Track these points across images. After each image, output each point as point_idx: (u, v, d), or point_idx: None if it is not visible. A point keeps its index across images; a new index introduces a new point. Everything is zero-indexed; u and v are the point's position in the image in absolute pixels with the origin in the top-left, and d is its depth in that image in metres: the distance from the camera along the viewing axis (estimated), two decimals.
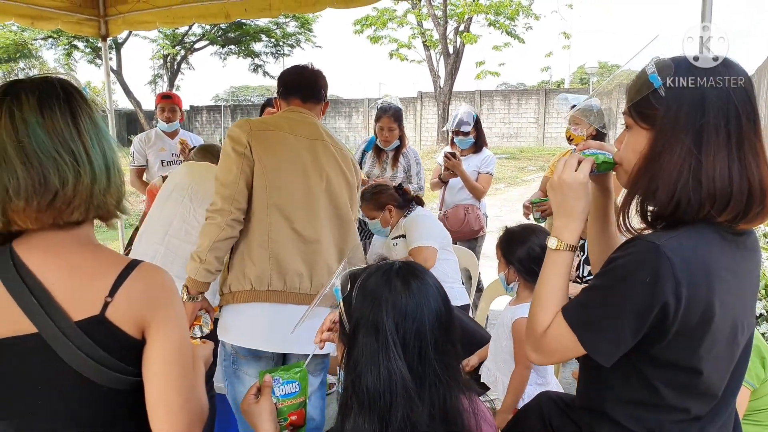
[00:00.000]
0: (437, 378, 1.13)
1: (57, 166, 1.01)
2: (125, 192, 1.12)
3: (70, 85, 1.08)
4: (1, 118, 1.00)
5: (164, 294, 1.09)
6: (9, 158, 0.99)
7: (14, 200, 1.00)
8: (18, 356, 1.04)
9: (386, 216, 3.13)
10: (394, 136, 3.94)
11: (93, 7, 4.60)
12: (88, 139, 1.05)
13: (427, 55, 20.00)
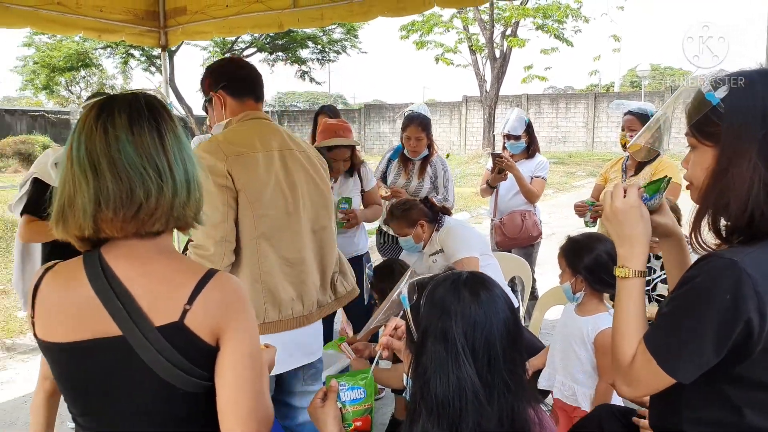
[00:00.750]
0: (506, 387, 1.15)
1: (143, 180, 1.07)
2: (203, 204, 1.17)
3: (157, 101, 1.14)
4: (97, 134, 1.08)
5: (238, 303, 1.13)
6: (102, 171, 1.06)
7: (104, 210, 1.06)
8: (103, 357, 1.10)
9: (419, 232, 3.08)
10: (422, 146, 3.81)
11: (154, 19, 4.77)
12: (171, 155, 1.10)
13: (473, 60, 19.90)
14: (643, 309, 1.26)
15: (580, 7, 18.41)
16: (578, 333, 2.29)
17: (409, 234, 3.08)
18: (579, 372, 2.30)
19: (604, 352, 2.19)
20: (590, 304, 2.31)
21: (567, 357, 2.34)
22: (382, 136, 27.66)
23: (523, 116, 4.08)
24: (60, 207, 1.09)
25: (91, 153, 1.07)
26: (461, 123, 25.86)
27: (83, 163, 1.07)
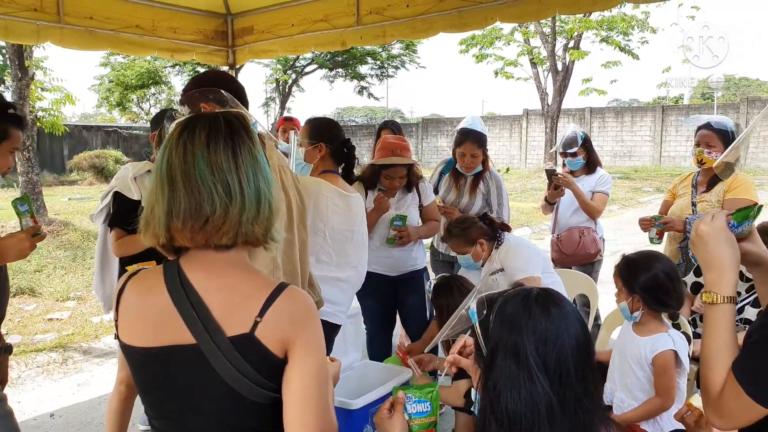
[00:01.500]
0: (578, 403, 1.14)
1: (211, 195, 1.12)
2: (274, 219, 1.21)
3: (238, 121, 1.20)
4: (178, 149, 1.15)
5: (307, 318, 1.16)
6: (177, 184, 1.13)
7: (175, 220, 1.13)
8: (178, 363, 1.15)
9: (478, 251, 3.04)
10: (477, 162, 3.70)
11: (222, 39, 4.98)
12: (244, 173, 1.15)
13: (534, 73, 19.65)
14: (734, 337, 1.20)
15: (647, 18, 17.93)
16: (636, 353, 2.28)
17: (468, 252, 3.05)
18: (638, 390, 2.29)
19: (661, 373, 2.20)
20: (649, 324, 2.29)
21: (625, 375, 2.33)
22: (439, 150, 27.63)
23: (578, 131, 4.00)
24: (145, 215, 1.17)
25: (171, 167, 1.14)
26: (522, 137, 25.53)
27: (163, 176, 1.15)
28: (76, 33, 4.00)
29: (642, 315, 2.29)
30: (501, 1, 3.58)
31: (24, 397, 4.06)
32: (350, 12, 4.23)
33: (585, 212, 3.89)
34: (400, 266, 3.54)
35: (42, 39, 3.89)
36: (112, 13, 4.16)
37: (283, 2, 4.57)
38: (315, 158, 2.60)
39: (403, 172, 3.39)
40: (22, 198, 2.13)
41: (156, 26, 4.45)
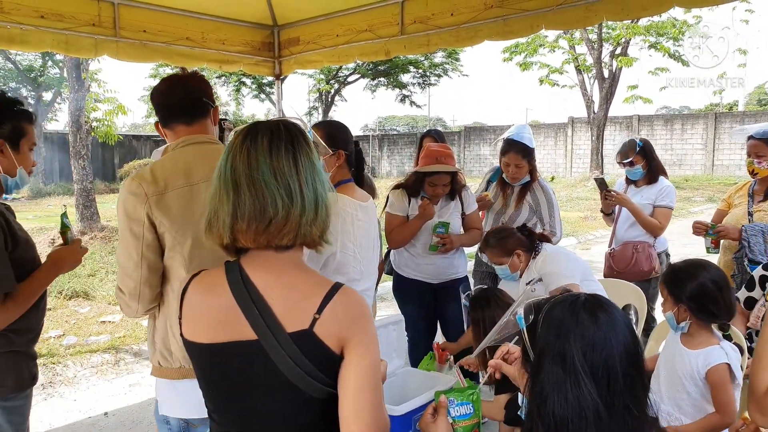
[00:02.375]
0: (627, 410, 1.14)
1: (274, 199, 1.18)
2: (329, 222, 1.26)
3: (296, 128, 1.26)
4: (242, 155, 1.21)
5: (363, 317, 1.21)
6: (242, 187, 1.19)
7: (239, 222, 1.19)
8: (240, 359, 1.21)
9: (515, 261, 3.00)
10: (523, 173, 3.66)
11: (269, 50, 5.09)
12: (304, 177, 1.21)
13: (580, 80, 19.34)
14: None
15: (698, 23, 17.43)
16: (687, 367, 2.21)
17: (505, 263, 3.02)
18: (688, 405, 2.22)
19: (718, 389, 2.12)
20: (699, 336, 2.22)
21: (674, 388, 2.26)
22: (482, 158, 27.45)
23: (635, 140, 3.84)
24: (208, 217, 1.24)
25: (235, 172, 1.20)
26: (567, 145, 25.12)
27: (227, 181, 1.21)
28: (130, 46, 4.16)
29: (690, 326, 2.22)
30: (547, 8, 3.54)
31: (79, 395, 4.22)
32: (394, 21, 4.27)
33: (645, 230, 3.71)
34: (441, 274, 3.53)
35: (99, 52, 4.06)
36: (164, 26, 4.32)
37: (328, 13, 4.65)
38: (333, 167, 2.41)
39: (446, 180, 3.39)
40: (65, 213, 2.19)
41: (205, 38, 4.59)
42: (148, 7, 4.21)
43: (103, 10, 3.96)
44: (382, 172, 30.13)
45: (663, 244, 3.85)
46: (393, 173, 29.56)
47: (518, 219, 3.68)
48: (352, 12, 4.50)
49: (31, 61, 17.66)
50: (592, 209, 14.24)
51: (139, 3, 4.14)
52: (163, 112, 1.95)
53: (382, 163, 30.68)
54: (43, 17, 3.67)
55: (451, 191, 3.47)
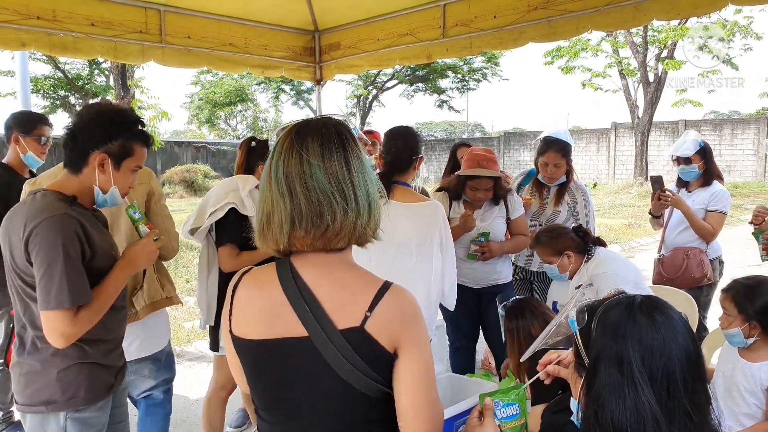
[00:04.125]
0: (688, 417, 1.09)
1: (330, 204, 1.16)
2: (380, 221, 1.25)
3: (344, 127, 1.24)
4: (294, 159, 1.18)
5: (414, 315, 1.19)
6: (297, 194, 1.17)
7: (297, 228, 1.17)
8: (291, 355, 1.20)
9: (564, 262, 2.92)
10: (561, 173, 3.59)
11: (310, 55, 5.12)
12: (356, 179, 1.19)
13: (624, 84, 18.95)
14: None
15: (750, 23, 16.88)
16: (750, 379, 2.16)
17: (554, 263, 2.95)
18: (747, 418, 2.18)
19: None
20: (760, 350, 2.18)
21: (733, 402, 2.21)
22: (522, 164, 27.07)
23: (698, 138, 3.64)
24: (260, 223, 1.22)
25: (288, 176, 1.18)
26: (610, 151, 24.58)
27: (281, 186, 1.19)
28: (175, 52, 4.24)
29: (755, 340, 2.17)
30: (593, 9, 3.46)
31: None
32: (436, 25, 4.23)
33: (697, 235, 3.55)
34: (482, 279, 3.46)
35: (146, 58, 4.15)
36: (208, 32, 4.39)
37: (369, 17, 4.65)
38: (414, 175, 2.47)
39: (488, 185, 3.33)
40: (132, 205, 2.09)
41: (248, 44, 4.65)
42: (193, 13, 4.28)
43: (149, 17, 4.05)
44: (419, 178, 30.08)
45: (716, 251, 3.67)
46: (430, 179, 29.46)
47: (557, 219, 3.60)
48: (393, 16, 4.49)
49: (78, 70, 18.29)
50: (636, 216, 13.86)
51: (184, 9, 4.22)
52: None
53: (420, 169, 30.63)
54: (94, 25, 3.77)
55: (495, 196, 3.41)
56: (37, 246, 1.67)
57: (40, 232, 1.68)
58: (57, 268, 1.67)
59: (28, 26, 3.49)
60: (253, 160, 2.92)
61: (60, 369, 1.79)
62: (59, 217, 1.72)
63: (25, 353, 1.80)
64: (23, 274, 1.73)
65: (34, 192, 1.82)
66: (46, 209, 1.73)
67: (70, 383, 1.81)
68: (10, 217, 1.78)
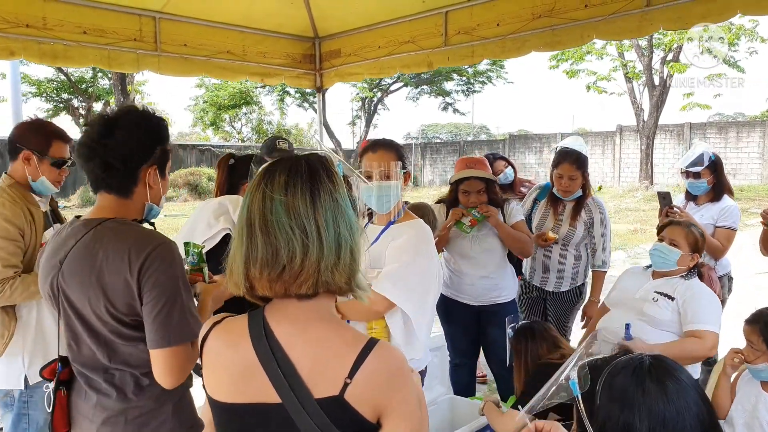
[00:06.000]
0: None
1: (287, 241, 1.05)
2: (357, 267, 1.12)
3: (321, 163, 1.12)
4: (257, 194, 1.09)
5: (401, 377, 1.08)
6: (255, 230, 1.07)
7: (252, 268, 1.07)
8: (263, 423, 1.08)
9: (688, 258, 2.66)
10: (576, 186, 3.43)
11: (310, 62, 5.04)
12: (322, 217, 1.07)
13: (629, 87, 18.81)
14: None
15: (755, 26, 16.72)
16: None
17: (683, 251, 2.66)
18: None
19: None
20: None
21: None
22: (527, 167, 26.94)
23: (708, 152, 3.52)
24: (229, 262, 1.12)
25: (250, 213, 1.09)
26: (615, 154, 24.42)
27: (242, 223, 1.09)
28: (172, 60, 4.16)
29: None
30: (598, 18, 3.36)
31: None
32: (438, 32, 4.15)
33: (706, 251, 3.33)
34: (482, 296, 3.35)
35: (141, 67, 4.06)
36: (205, 39, 4.31)
37: (370, 24, 4.56)
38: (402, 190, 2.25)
39: (479, 186, 3.24)
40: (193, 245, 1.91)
41: (246, 51, 4.56)
42: (189, 20, 4.20)
43: (144, 24, 3.96)
44: (424, 181, 29.95)
45: (725, 267, 3.58)
46: (435, 182, 29.34)
47: (573, 239, 3.45)
48: (395, 23, 4.41)
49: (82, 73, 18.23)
50: (642, 221, 13.73)
51: (180, 17, 4.14)
52: None
53: (425, 172, 30.49)
54: (86, 33, 3.69)
55: (493, 203, 3.30)
56: (153, 279, 1.48)
57: (153, 264, 1.48)
58: (178, 300, 1.51)
59: (17, 35, 3.41)
60: (235, 179, 2.75)
61: (175, 402, 1.64)
62: (168, 243, 1.55)
63: (128, 397, 1.59)
64: (121, 314, 1.52)
65: (96, 223, 1.57)
66: (147, 237, 1.54)
67: (185, 412, 1.67)
68: (83, 258, 1.53)
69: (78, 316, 1.56)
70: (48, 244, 1.66)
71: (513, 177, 4.40)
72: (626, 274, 2.96)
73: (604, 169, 24.80)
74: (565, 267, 3.49)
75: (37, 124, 2.51)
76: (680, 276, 2.70)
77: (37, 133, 2.44)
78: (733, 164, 22.32)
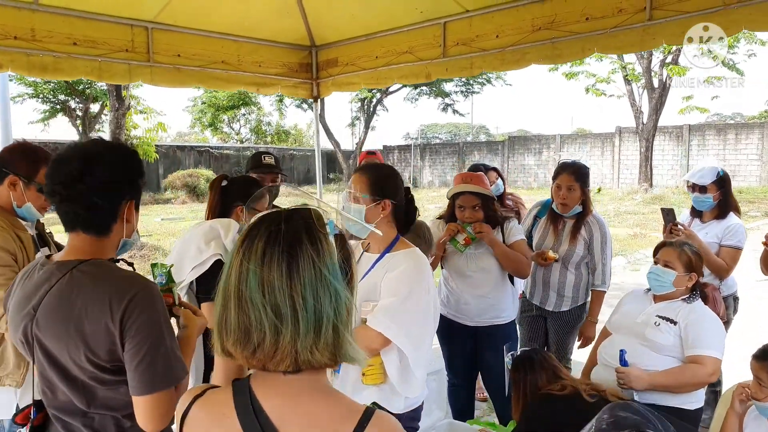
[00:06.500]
0: None
1: (259, 321, 0.96)
2: (344, 341, 1.02)
3: (305, 225, 1.02)
4: (236, 260, 1.00)
5: None
6: (229, 302, 0.99)
7: (226, 340, 1.00)
8: None
9: (684, 279, 2.63)
10: (575, 199, 3.32)
11: (307, 71, 4.96)
12: (300, 293, 0.97)
13: (629, 90, 18.75)
14: None
15: None
16: None
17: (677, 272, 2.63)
18: None
19: None
20: None
21: None
22: (526, 168, 26.91)
23: (717, 167, 3.43)
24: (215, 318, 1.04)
25: (228, 279, 1.01)
26: (614, 155, 24.38)
27: (220, 289, 1.02)
28: (164, 71, 4.08)
29: None
30: (600, 31, 3.29)
31: None
32: (436, 43, 4.07)
33: (710, 271, 3.31)
34: (478, 316, 3.26)
35: (134, 78, 3.98)
36: (198, 49, 4.22)
37: (367, 34, 4.49)
38: (377, 218, 2.13)
39: (474, 202, 3.17)
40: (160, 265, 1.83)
41: (241, 61, 4.48)
42: (183, 30, 4.12)
43: (136, 35, 3.88)
44: (423, 182, 29.88)
45: (730, 287, 3.47)
46: (435, 183, 29.28)
47: (573, 258, 3.36)
48: (393, 33, 4.33)
49: None
50: (641, 225, 13.66)
51: (173, 27, 4.06)
52: None
53: (424, 173, 30.42)
54: (76, 44, 3.60)
55: (492, 222, 3.21)
56: (136, 325, 1.41)
57: (135, 310, 1.42)
58: (161, 345, 1.44)
59: (5, 47, 3.31)
60: (228, 201, 2.64)
61: None
62: (149, 287, 1.48)
63: None
64: (102, 361, 1.44)
65: (71, 266, 1.47)
66: (128, 281, 1.47)
67: None
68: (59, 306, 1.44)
69: (54, 365, 1.48)
70: (17, 287, 1.56)
71: (503, 189, 4.32)
72: (627, 297, 2.90)
73: (603, 170, 24.76)
74: (566, 286, 3.40)
75: (25, 148, 2.42)
76: (682, 299, 2.65)
77: (25, 157, 2.35)
78: (732, 166, 22.27)
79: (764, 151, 21.69)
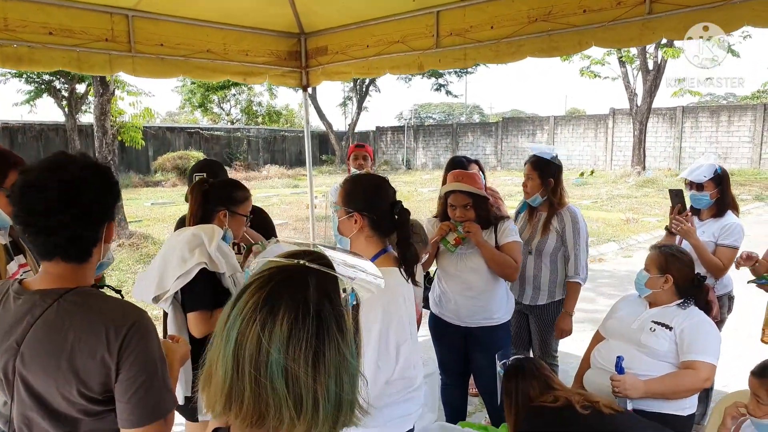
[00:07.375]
0: None
1: (279, 408, 0.86)
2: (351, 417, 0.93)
3: (329, 306, 0.90)
4: (251, 334, 0.87)
5: None
6: (243, 380, 0.87)
7: (231, 412, 0.88)
8: None
9: (658, 282, 2.60)
10: (534, 188, 3.37)
11: (296, 59, 4.82)
12: (324, 383, 0.88)
13: (623, 72, 18.61)
14: None
15: None
16: None
17: (651, 274, 2.63)
18: None
19: None
20: None
21: None
22: (519, 150, 26.81)
23: (714, 164, 3.36)
24: (205, 372, 0.92)
25: (239, 349, 0.87)
26: (608, 137, 24.31)
27: (228, 353, 0.88)
28: (147, 61, 3.94)
29: None
30: (597, 24, 3.18)
31: None
32: (429, 33, 3.94)
33: (706, 269, 3.24)
34: (468, 317, 3.17)
35: (115, 69, 3.84)
36: (182, 38, 4.08)
37: (358, 22, 4.35)
38: (350, 231, 2.06)
39: (465, 201, 3.09)
40: None
41: (227, 50, 4.34)
42: (165, 18, 3.97)
43: (116, 23, 3.73)
44: (417, 164, 29.75)
45: (726, 286, 3.42)
46: (428, 165, 29.15)
47: (545, 247, 3.35)
48: (384, 21, 4.20)
49: None
50: (634, 210, 13.62)
51: (155, 14, 3.91)
52: None
53: (418, 155, 30.26)
54: (52, 34, 3.46)
55: (484, 222, 3.13)
56: (133, 357, 1.35)
57: (132, 341, 1.35)
58: (156, 378, 1.38)
59: None
60: (209, 206, 2.52)
61: None
62: (145, 317, 1.40)
63: None
64: (94, 394, 1.36)
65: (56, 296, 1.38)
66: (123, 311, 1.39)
67: None
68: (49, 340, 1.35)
69: (37, 401, 1.39)
70: None
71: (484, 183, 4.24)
72: (622, 302, 2.85)
73: (597, 152, 24.72)
74: (541, 280, 3.40)
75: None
76: (677, 304, 2.62)
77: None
78: (724, 148, 22.29)
79: (756, 133, 21.68)
